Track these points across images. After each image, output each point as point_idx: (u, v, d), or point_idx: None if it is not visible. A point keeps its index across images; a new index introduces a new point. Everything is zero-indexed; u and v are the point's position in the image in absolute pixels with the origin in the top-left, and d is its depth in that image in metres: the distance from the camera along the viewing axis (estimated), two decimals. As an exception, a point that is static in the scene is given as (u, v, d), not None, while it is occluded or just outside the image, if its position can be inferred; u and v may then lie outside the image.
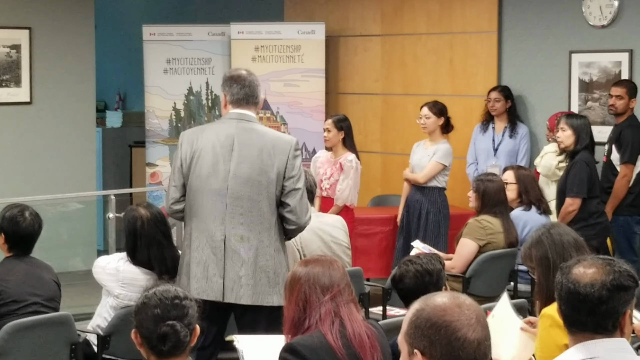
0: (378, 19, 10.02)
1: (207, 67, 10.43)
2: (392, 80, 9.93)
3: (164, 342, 3.38)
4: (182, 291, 3.49)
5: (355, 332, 3.73)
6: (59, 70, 10.30)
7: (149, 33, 10.55)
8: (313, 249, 6.18)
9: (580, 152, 7.43)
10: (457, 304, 2.60)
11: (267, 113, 10.13)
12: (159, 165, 10.56)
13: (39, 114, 10.18)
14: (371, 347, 3.74)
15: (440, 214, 8.34)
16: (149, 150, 10.62)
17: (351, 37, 10.22)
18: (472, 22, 9.32)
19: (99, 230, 10.61)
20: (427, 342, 2.56)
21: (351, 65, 10.24)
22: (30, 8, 10.12)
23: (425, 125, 8.33)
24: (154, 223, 5.44)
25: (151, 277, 5.42)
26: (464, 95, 9.40)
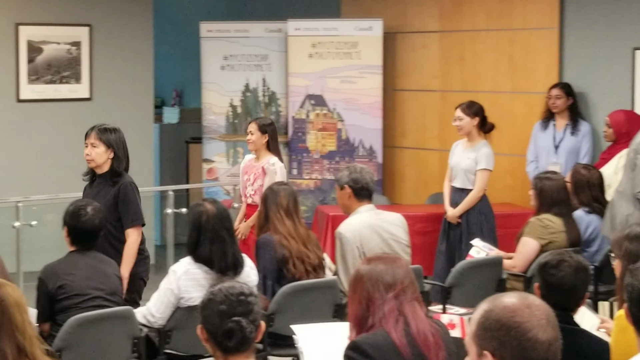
0: (436, 15, 9.97)
1: (264, 63, 10.44)
2: (451, 76, 9.87)
3: (229, 338, 3.40)
4: (248, 287, 3.51)
5: (419, 330, 3.70)
6: (118, 67, 10.38)
7: (206, 30, 10.59)
8: (372, 247, 6.16)
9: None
10: (526, 304, 2.57)
11: (324, 110, 10.12)
12: (216, 161, 10.58)
13: (98, 110, 10.26)
14: (435, 345, 3.72)
15: (481, 215, 8.21)
16: (206, 147, 10.65)
17: (409, 33, 10.17)
18: (533, 18, 9.24)
19: (156, 226, 10.66)
20: (496, 343, 2.54)
21: (409, 62, 10.19)
22: (90, 6, 10.21)
23: (459, 126, 8.25)
24: (218, 219, 5.46)
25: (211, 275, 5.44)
26: (524, 92, 9.32)
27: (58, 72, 10.07)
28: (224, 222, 5.50)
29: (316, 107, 10.11)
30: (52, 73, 10.05)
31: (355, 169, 6.37)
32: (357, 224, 6.24)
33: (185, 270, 5.47)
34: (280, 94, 10.37)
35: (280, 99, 10.38)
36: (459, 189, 8.24)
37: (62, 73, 10.10)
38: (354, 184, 6.29)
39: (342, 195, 6.37)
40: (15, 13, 9.83)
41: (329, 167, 10.12)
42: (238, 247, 5.61)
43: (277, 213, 6.16)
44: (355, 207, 6.32)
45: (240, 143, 10.46)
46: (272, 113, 10.37)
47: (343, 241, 6.19)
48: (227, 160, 10.53)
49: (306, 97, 10.14)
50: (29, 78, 9.94)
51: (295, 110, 10.19)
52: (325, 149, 10.15)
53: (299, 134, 10.20)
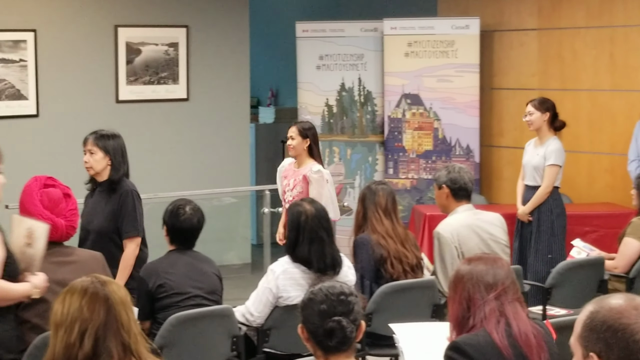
0: (535, 13, 9.84)
1: (360, 63, 10.43)
2: (549, 75, 9.74)
3: (330, 338, 3.40)
4: (348, 287, 3.51)
5: (521, 331, 3.65)
6: (214, 68, 10.46)
7: (302, 30, 10.62)
8: (470, 247, 6.10)
9: None
10: (633, 306, 2.53)
11: (420, 109, 10.06)
12: (312, 161, 10.59)
13: (195, 110, 10.36)
14: (538, 346, 3.66)
15: (553, 213, 8.09)
16: (302, 146, 10.66)
17: (506, 31, 10.06)
18: (635, 15, 9.06)
19: (252, 225, 10.73)
20: (603, 345, 2.50)
21: (506, 60, 10.08)
22: (188, 7, 10.31)
23: (530, 122, 8.15)
24: (317, 219, 5.46)
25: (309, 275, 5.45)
26: (625, 90, 9.15)
27: (156, 73, 10.19)
28: (323, 222, 5.50)
29: (412, 106, 10.07)
30: (150, 74, 10.17)
31: (453, 168, 6.32)
32: (455, 223, 6.20)
33: (284, 270, 5.48)
34: (376, 93, 10.35)
35: (376, 98, 10.36)
36: (530, 187, 8.19)
37: (159, 74, 10.21)
38: (453, 184, 6.24)
39: (440, 195, 6.33)
40: (114, 15, 9.97)
41: (426, 167, 10.07)
42: (336, 246, 5.60)
43: (375, 212, 6.14)
44: (454, 207, 6.28)
45: (336, 142, 10.47)
46: (367, 112, 10.36)
47: (441, 241, 6.14)
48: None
49: (402, 96, 10.10)
50: (128, 79, 10.07)
51: (391, 109, 10.16)
52: (421, 148, 10.10)
53: (394, 133, 10.16)
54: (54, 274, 4.84)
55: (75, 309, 3.11)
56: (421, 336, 4.39)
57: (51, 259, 4.91)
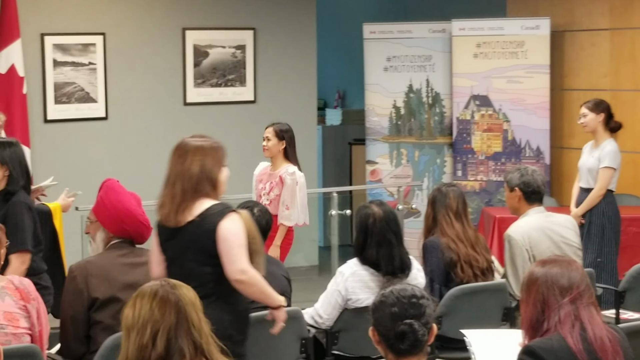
0: (606, 13, 9.70)
1: (428, 64, 10.37)
2: (622, 75, 9.59)
3: (402, 341, 3.38)
4: (420, 290, 3.48)
5: (596, 335, 3.59)
6: (281, 70, 10.46)
7: (369, 31, 10.58)
8: (542, 250, 6.02)
9: None
10: None
11: (489, 110, 9.97)
12: (379, 162, 10.56)
13: (263, 112, 10.36)
14: (613, 352, 3.60)
15: (604, 216, 7.95)
16: (369, 148, 10.63)
17: (577, 31, 9.93)
18: None
19: (319, 227, 10.71)
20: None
21: (577, 61, 9.95)
22: (255, 9, 10.32)
23: (584, 123, 8.02)
24: (385, 221, 5.42)
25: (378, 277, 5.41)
26: (700, 90, 9.00)
27: (223, 76, 10.22)
28: (391, 225, 5.46)
29: (481, 107, 9.98)
30: (217, 76, 10.20)
31: (526, 171, 6.23)
32: (526, 226, 6.11)
33: (353, 272, 5.45)
34: (444, 94, 10.27)
35: (444, 100, 10.28)
36: (584, 189, 8.07)
37: (227, 76, 10.24)
38: (525, 187, 6.15)
39: (511, 198, 6.24)
40: (182, 18, 10.01)
41: (495, 169, 9.97)
42: (405, 249, 5.55)
43: (446, 215, 6.07)
44: (525, 209, 6.19)
45: (404, 144, 10.42)
46: (435, 114, 10.29)
47: (512, 244, 6.07)
48: (390, 162, 10.49)
49: (471, 97, 10.01)
50: (195, 82, 10.11)
51: (459, 111, 10.08)
52: (490, 150, 10.00)
53: (463, 134, 10.08)
54: (126, 276, 4.87)
55: (146, 312, 3.13)
56: (493, 341, 4.35)
57: (124, 261, 4.95)
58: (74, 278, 4.87)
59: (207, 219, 4.51)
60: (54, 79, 9.44)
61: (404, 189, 9.86)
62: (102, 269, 4.89)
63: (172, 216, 4.57)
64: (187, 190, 4.55)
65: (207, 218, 4.51)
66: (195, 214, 4.53)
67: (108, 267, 4.90)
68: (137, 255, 5.02)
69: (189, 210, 4.54)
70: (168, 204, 4.60)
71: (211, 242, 4.48)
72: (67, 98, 9.53)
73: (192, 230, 4.53)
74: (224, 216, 4.52)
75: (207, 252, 4.50)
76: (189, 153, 4.64)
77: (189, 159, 4.60)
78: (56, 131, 9.49)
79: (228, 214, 4.54)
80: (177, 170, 4.61)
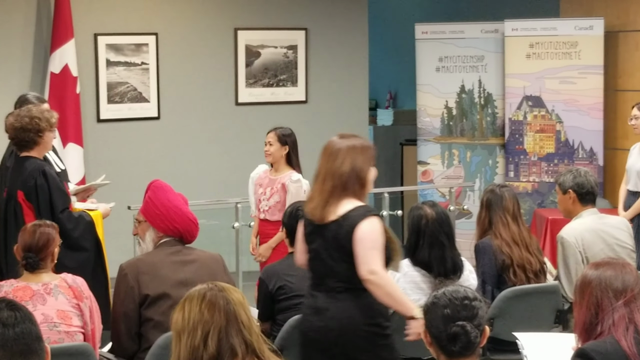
0: (662, 13, 9.61)
1: (480, 64, 10.31)
2: (677, 76, 9.49)
3: (454, 343, 3.35)
4: (472, 292, 3.46)
5: (651, 339, 3.54)
6: (333, 70, 10.46)
7: (421, 31, 10.54)
8: (595, 252, 5.96)
9: None
10: None
11: (542, 111, 9.90)
12: (431, 163, 10.52)
13: (314, 112, 10.38)
14: (668, 355, 3.54)
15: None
16: (421, 149, 10.60)
17: (632, 32, 9.82)
18: None
19: (370, 228, 10.67)
20: None
21: (631, 62, 9.84)
22: (307, 9, 10.33)
23: (635, 125, 7.93)
24: (438, 223, 5.40)
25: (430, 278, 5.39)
26: None
27: (275, 76, 10.24)
28: (444, 227, 5.44)
29: (534, 108, 9.90)
30: (269, 76, 10.22)
31: (579, 172, 6.17)
32: (579, 228, 6.06)
33: (404, 273, 5.44)
34: (496, 95, 10.21)
35: (496, 101, 10.22)
36: (632, 192, 7.98)
37: (278, 76, 10.26)
38: (579, 189, 6.09)
39: (564, 200, 6.18)
40: (234, 18, 10.04)
41: (547, 170, 9.90)
42: (457, 251, 5.52)
43: (502, 217, 6.02)
44: (579, 211, 6.14)
45: (455, 145, 10.37)
46: (488, 115, 10.24)
47: (565, 245, 6.01)
48: (442, 163, 10.45)
49: (523, 98, 9.94)
50: (247, 82, 10.14)
51: (512, 111, 10.01)
52: (543, 151, 9.92)
53: (515, 135, 10.01)
54: (177, 274, 4.90)
55: (196, 314, 3.14)
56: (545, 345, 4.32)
57: (174, 259, 4.97)
58: (125, 276, 4.91)
59: (348, 220, 4.63)
60: (106, 78, 9.52)
61: (456, 189, 9.81)
62: (152, 266, 4.93)
63: (317, 211, 4.72)
64: (336, 187, 4.68)
65: (348, 219, 4.63)
66: (338, 213, 4.67)
67: (158, 264, 4.94)
68: (186, 254, 5.04)
69: (334, 208, 4.68)
70: (316, 199, 4.75)
71: (350, 242, 4.61)
72: (120, 98, 9.60)
73: (334, 229, 4.66)
74: (364, 218, 4.61)
75: (345, 251, 4.63)
76: (340, 152, 4.72)
77: (340, 158, 4.70)
78: (109, 131, 9.57)
79: (368, 217, 4.64)
80: (327, 167, 4.74)
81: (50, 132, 6.21)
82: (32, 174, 6.05)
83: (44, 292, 4.72)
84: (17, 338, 2.67)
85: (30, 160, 6.10)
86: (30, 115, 6.15)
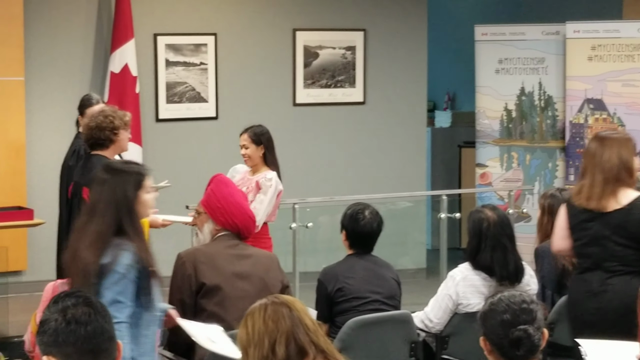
0: None
1: (541, 67, 10.20)
2: None
3: (517, 347, 3.35)
4: (528, 295, 3.45)
5: None
6: (391, 71, 10.42)
7: (481, 33, 10.46)
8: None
9: None
10: None
11: (604, 114, 9.76)
12: (489, 166, 10.43)
13: (372, 114, 10.35)
14: None
15: None
16: (479, 151, 10.52)
17: (696, 34, 9.67)
18: None
19: (427, 230, 10.63)
20: None
21: (696, 64, 9.69)
22: (365, 11, 10.30)
23: None
24: (499, 226, 5.35)
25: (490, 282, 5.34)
26: None
27: (333, 77, 10.22)
28: (506, 229, 5.39)
29: (595, 111, 9.78)
30: (327, 77, 10.21)
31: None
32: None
33: (464, 277, 5.39)
34: (557, 97, 10.09)
35: (557, 103, 10.11)
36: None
37: (336, 77, 10.24)
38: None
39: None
40: (293, 19, 10.04)
41: (609, 174, 9.75)
42: (519, 254, 5.46)
43: None
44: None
45: (515, 148, 10.28)
46: (548, 117, 10.13)
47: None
48: (500, 165, 10.36)
49: (585, 101, 9.82)
50: (305, 82, 10.14)
51: (572, 114, 9.90)
52: (604, 155, 9.79)
53: (576, 138, 9.89)
54: (233, 266, 5.00)
55: (260, 326, 3.14)
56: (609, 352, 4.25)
57: (231, 252, 5.05)
58: (183, 264, 4.98)
59: (635, 208, 5.09)
60: (166, 78, 9.57)
61: (515, 192, 9.71)
62: (210, 256, 5.00)
63: (593, 202, 5.14)
64: (608, 179, 5.12)
65: (635, 208, 5.09)
66: (622, 202, 5.12)
67: (216, 255, 5.01)
68: (243, 249, 5.12)
69: (614, 197, 5.12)
70: (586, 191, 5.17)
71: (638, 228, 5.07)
72: (179, 98, 9.64)
73: (621, 217, 5.09)
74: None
75: (633, 237, 5.08)
76: (606, 146, 5.17)
77: (607, 152, 5.14)
78: (167, 130, 9.61)
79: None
80: (595, 161, 5.17)
81: (125, 130, 6.26)
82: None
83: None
84: (89, 337, 2.65)
85: (99, 158, 6.14)
86: (104, 114, 6.21)
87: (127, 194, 4.26)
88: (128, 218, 4.24)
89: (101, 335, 2.67)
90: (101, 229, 4.21)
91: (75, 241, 4.28)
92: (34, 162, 9.06)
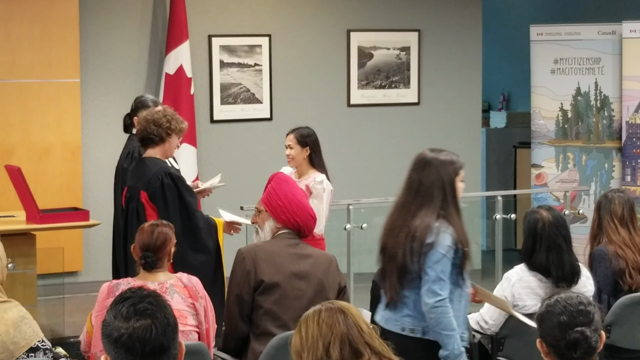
0: None
1: (596, 67, 10.12)
2: None
3: (574, 349, 3.32)
4: (585, 297, 3.41)
5: None
6: (446, 72, 10.38)
7: (536, 33, 10.39)
8: None
9: None
10: None
11: (659, 115, 9.68)
12: (545, 166, 10.36)
13: (426, 114, 10.32)
14: None
15: None
16: (534, 152, 10.44)
17: None
18: None
19: (482, 231, 10.58)
20: None
21: None
22: (420, 11, 10.27)
23: None
24: (555, 226, 5.32)
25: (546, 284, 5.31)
26: None
27: (387, 77, 10.20)
28: (561, 230, 5.35)
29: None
30: (381, 78, 10.19)
31: None
32: None
33: (520, 278, 5.36)
34: (613, 98, 10.00)
35: (613, 103, 10.01)
36: None
37: (391, 78, 10.22)
38: None
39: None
40: (347, 20, 10.04)
41: (667, 174, 9.67)
42: (575, 255, 5.42)
43: (610, 222, 5.95)
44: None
45: (570, 148, 10.20)
46: (604, 118, 10.04)
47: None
48: (556, 166, 10.28)
49: (641, 101, 9.73)
50: (359, 83, 10.13)
51: (629, 114, 9.80)
52: (662, 155, 9.71)
53: (633, 139, 9.79)
54: (293, 265, 4.97)
55: (314, 330, 3.14)
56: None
57: (291, 250, 5.03)
58: (242, 260, 4.97)
59: None
60: (220, 79, 9.61)
61: (571, 193, 9.63)
62: (270, 254, 4.99)
63: None
64: None
65: None
66: None
67: (276, 253, 5.00)
68: (303, 248, 5.09)
69: None
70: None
71: None
72: (233, 99, 9.68)
73: None
74: None
75: None
76: None
77: None
78: (222, 131, 9.65)
79: None
80: None
81: (177, 136, 6.25)
82: (157, 175, 6.09)
83: (160, 291, 4.76)
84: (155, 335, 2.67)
85: (153, 161, 6.15)
86: (165, 112, 6.24)
87: (451, 176, 4.76)
88: (451, 199, 4.71)
89: (165, 333, 2.69)
90: (427, 207, 4.69)
91: (398, 219, 4.81)
92: (90, 163, 9.14)
